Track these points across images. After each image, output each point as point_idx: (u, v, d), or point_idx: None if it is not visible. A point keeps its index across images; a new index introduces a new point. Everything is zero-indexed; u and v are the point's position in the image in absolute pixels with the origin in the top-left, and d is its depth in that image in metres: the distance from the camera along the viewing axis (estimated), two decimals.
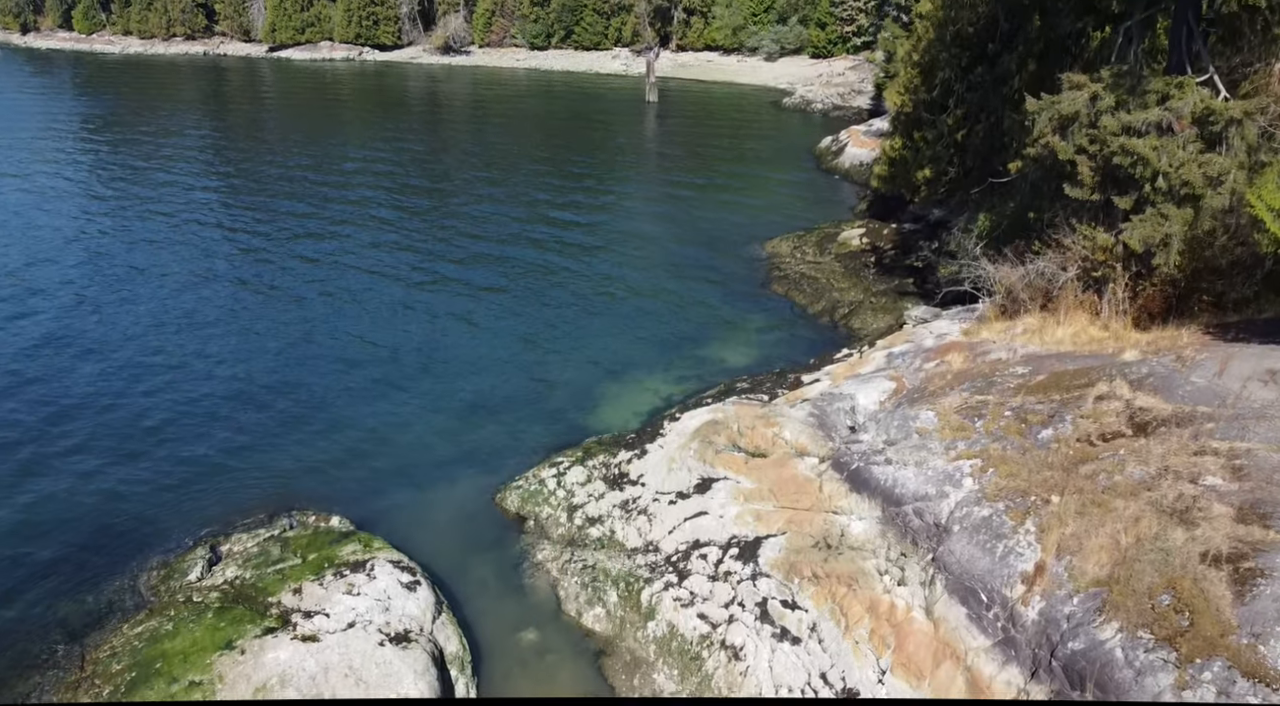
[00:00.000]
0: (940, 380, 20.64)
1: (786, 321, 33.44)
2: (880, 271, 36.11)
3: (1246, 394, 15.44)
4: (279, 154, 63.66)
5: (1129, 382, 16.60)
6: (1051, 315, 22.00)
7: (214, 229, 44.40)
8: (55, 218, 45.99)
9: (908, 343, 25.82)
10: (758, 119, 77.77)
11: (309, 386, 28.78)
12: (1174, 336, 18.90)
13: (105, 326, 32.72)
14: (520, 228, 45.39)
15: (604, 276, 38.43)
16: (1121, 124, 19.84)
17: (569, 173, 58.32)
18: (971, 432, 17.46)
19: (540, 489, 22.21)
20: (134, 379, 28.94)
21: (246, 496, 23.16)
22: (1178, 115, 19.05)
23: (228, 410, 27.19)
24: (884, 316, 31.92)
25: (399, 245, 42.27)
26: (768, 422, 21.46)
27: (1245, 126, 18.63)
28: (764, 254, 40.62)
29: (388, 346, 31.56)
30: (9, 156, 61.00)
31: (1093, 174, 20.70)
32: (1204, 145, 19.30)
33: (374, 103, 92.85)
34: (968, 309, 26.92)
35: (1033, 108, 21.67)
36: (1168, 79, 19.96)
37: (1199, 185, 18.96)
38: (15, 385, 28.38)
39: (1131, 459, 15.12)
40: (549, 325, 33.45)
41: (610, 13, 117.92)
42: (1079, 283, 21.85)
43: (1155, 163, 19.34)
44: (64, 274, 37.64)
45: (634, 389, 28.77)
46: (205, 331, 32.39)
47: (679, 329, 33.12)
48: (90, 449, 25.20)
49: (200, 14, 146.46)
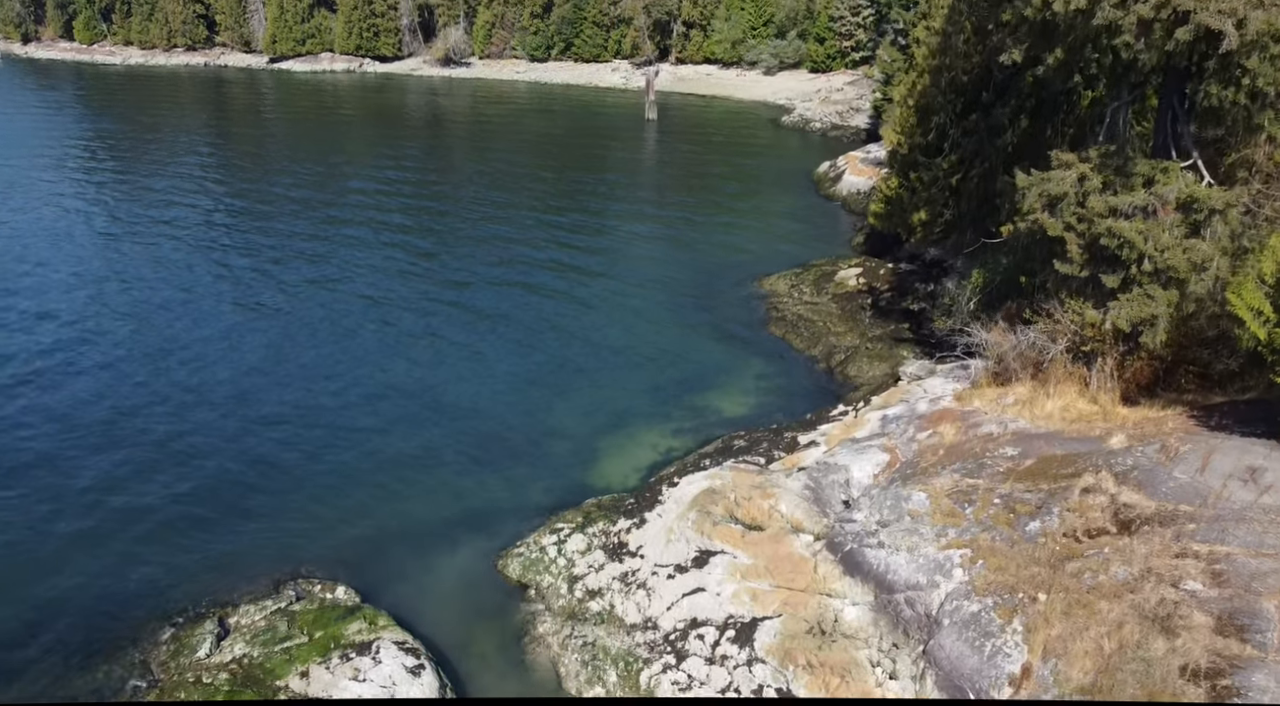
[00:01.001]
0: (932, 455, 21.08)
1: (783, 368, 33.87)
2: (876, 314, 36.54)
3: (1227, 493, 15.88)
4: (279, 178, 64.03)
5: (1114, 475, 17.04)
6: (1042, 386, 22.44)
7: (209, 261, 44.71)
8: (53, 249, 46.33)
9: (902, 402, 26.27)
10: (756, 139, 78.16)
11: (308, 438, 29.21)
12: (1159, 420, 19.34)
13: (104, 371, 33.14)
14: (519, 262, 45.77)
15: (603, 316, 38.85)
16: (1108, 205, 20.29)
17: (568, 201, 58.69)
18: (962, 520, 17.91)
19: (541, 556, 22.67)
20: (135, 433, 29.34)
21: (251, 560, 23.62)
22: (1162, 201, 19.49)
23: (229, 466, 27.64)
24: (879, 364, 32.35)
25: (394, 282, 42.58)
26: (764, 493, 21.91)
27: (1228, 215, 19.06)
28: (762, 291, 41.06)
29: (385, 395, 31.99)
30: (11, 178, 61.34)
31: (1081, 251, 21.15)
32: (1188, 230, 19.73)
33: (374, 120, 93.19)
34: (961, 364, 27.35)
35: (1023, 183, 22.11)
36: (1153, 162, 20.40)
37: (1183, 270, 19.40)
38: (10, 444, 28.83)
39: (1116, 558, 15.57)
40: (548, 369, 33.90)
41: (610, 25, 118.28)
42: (1068, 354, 22.28)
43: (1141, 246, 19.79)
44: (55, 308, 38.00)
45: (633, 442, 29.22)
46: (202, 376, 32.78)
47: (678, 374, 33.57)
48: (94, 508, 25.65)
49: (201, 25, 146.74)
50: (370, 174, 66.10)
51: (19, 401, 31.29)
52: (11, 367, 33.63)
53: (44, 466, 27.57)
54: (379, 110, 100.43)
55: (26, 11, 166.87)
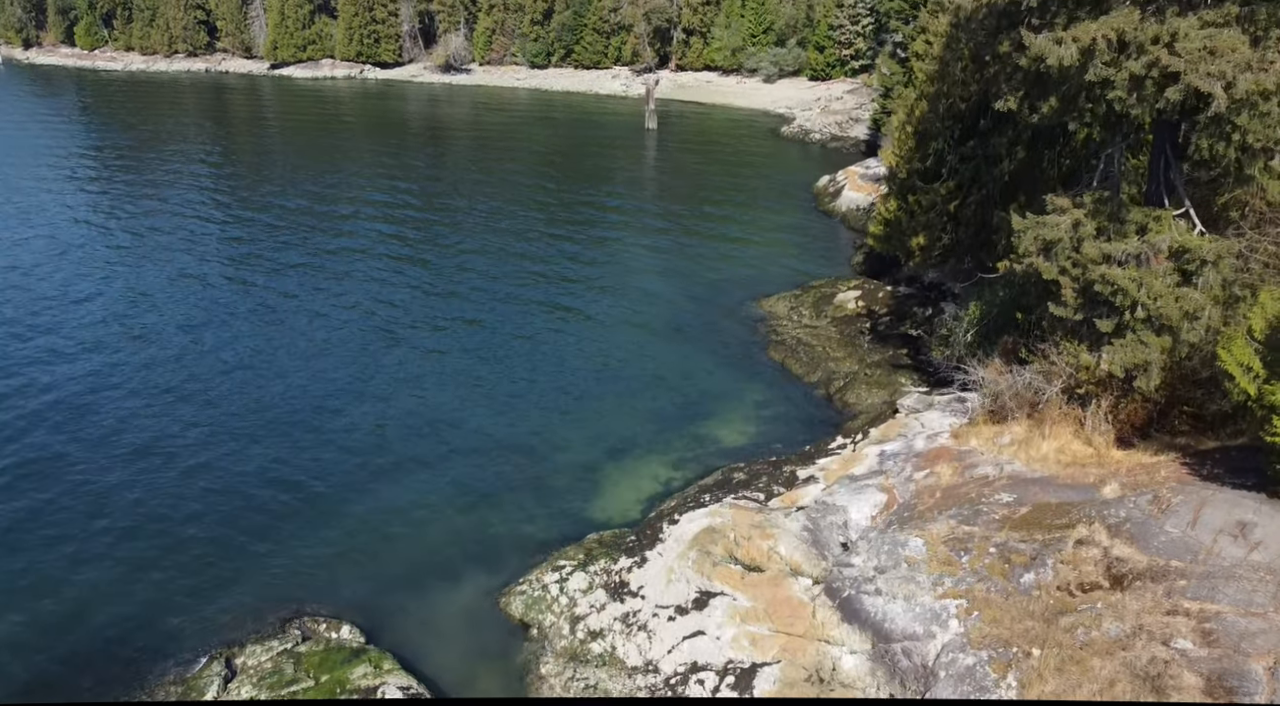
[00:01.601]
0: (929, 497, 21.37)
1: (782, 394, 34.15)
2: (875, 339, 36.82)
3: (1218, 549, 16.17)
4: (281, 192, 64.23)
5: (1107, 527, 17.33)
6: (1038, 426, 22.72)
7: (213, 282, 44.90)
8: (64, 266, 46.49)
9: (900, 437, 26.56)
10: (756, 150, 78.42)
11: (310, 471, 29.46)
12: (1153, 466, 19.62)
13: (105, 399, 33.44)
14: (519, 281, 46.03)
15: (604, 338, 39.15)
16: (1102, 252, 20.57)
17: (569, 216, 58.97)
18: (958, 569, 18.20)
19: (543, 595, 22.96)
20: (136, 468, 29.55)
21: (257, 596, 23.92)
22: (1155, 249, 19.78)
23: (233, 500, 27.89)
24: (878, 391, 32.63)
25: (393, 305, 42.74)
26: (764, 534, 22.20)
27: (1220, 265, 19.33)
28: (761, 313, 41.34)
29: (385, 424, 32.20)
30: (18, 190, 61.53)
31: (1076, 295, 21.43)
32: (1180, 278, 20.00)
33: (375, 130, 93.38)
34: (958, 397, 27.64)
35: (1019, 225, 22.38)
36: (1146, 210, 20.68)
37: (1176, 319, 19.68)
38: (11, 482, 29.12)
39: (1108, 613, 15.86)
40: (548, 395, 34.18)
41: (610, 32, 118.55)
42: (1064, 396, 22.56)
43: (1134, 293, 20.07)
44: (71, 330, 38.25)
45: (634, 474, 29.51)
46: (207, 411, 33.01)
47: (678, 401, 33.85)
48: (101, 542, 25.93)
49: (202, 31, 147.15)
50: (370, 189, 66.33)
51: (23, 434, 31.60)
52: (26, 392, 33.95)
53: (48, 499, 27.86)
54: (380, 119, 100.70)
55: (28, 17, 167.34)
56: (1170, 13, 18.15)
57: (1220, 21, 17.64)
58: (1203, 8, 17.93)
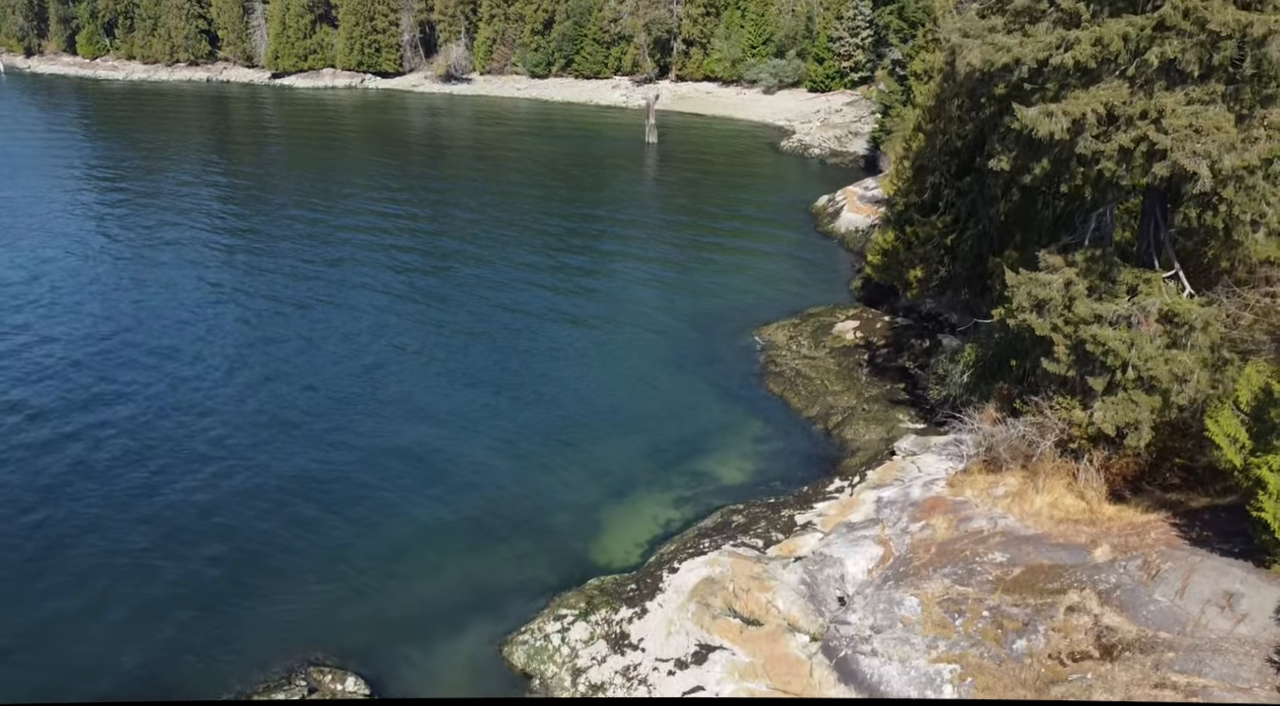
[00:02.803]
0: (924, 552, 21.75)
1: (781, 429, 34.51)
2: (873, 372, 37.19)
3: (1205, 621, 16.54)
4: (283, 211, 64.57)
5: (1098, 594, 17.71)
6: (1031, 478, 23.10)
7: (215, 304, 45.28)
8: (77, 289, 46.87)
9: (897, 481, 26.94)
10: (756, 166, 78.80)
11: (315, 506, 29.82)
12: (1144, 526, 20.00)
13: (111, 431, 33.87)
14: (518, 308, 46.30)
15: (603, 368, 39.52)
16: (1093, 312, 20.93)
17: (568, 236, 59.34)
18: (952, 631, 18.58)
19: (545, 645, 23.34)
20: (144, 505, 29.97)
21: (264, 644, 24.28)
22: (1145, 312, 20.14)
23: (239, 544, 28.25)
24: (875, 427, 33.00)
25: (392, 333, 43.09)
26: (762, 586, 22.59)
27: (1209, 329, 19.70)
28: (760, 342, 41.71)
29: (386, 463, 32.45)
30: (19, 205, 61.93)
31: (1068, 353, 21.79)
32: (1170, 341, 20.36)
33: (376, 144, 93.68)
34: (954, 440, 28.01)
35: (1012, 282, 22.75)
36: (1137, 271, 21.05)
37: (1165, 381, 20.05)
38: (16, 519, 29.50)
39: (1098, 684, 16.24)
40: (548, 429, 34.51)
41: (610, 42, 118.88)
42: (1057, 449, 22.93)
43: (1125, 354, 20.44)
44: (85, 356, 38.65)
45: (634, 513, 29.89)
46: (205, 442, 33.41)
47: (677, 436, 34.19)
48: (102, 587, 26.30)
49: (204, 40, 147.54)
50: (371, 207, 66.63)
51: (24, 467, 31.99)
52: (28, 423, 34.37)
53: (52, 541, 28.24)
54: (381, 131, 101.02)
55: (29, 25, 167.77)
56: (1158, 87, 18.52)
57: (1205, 98, 18.00)
58: (1189, 83, 18.29)
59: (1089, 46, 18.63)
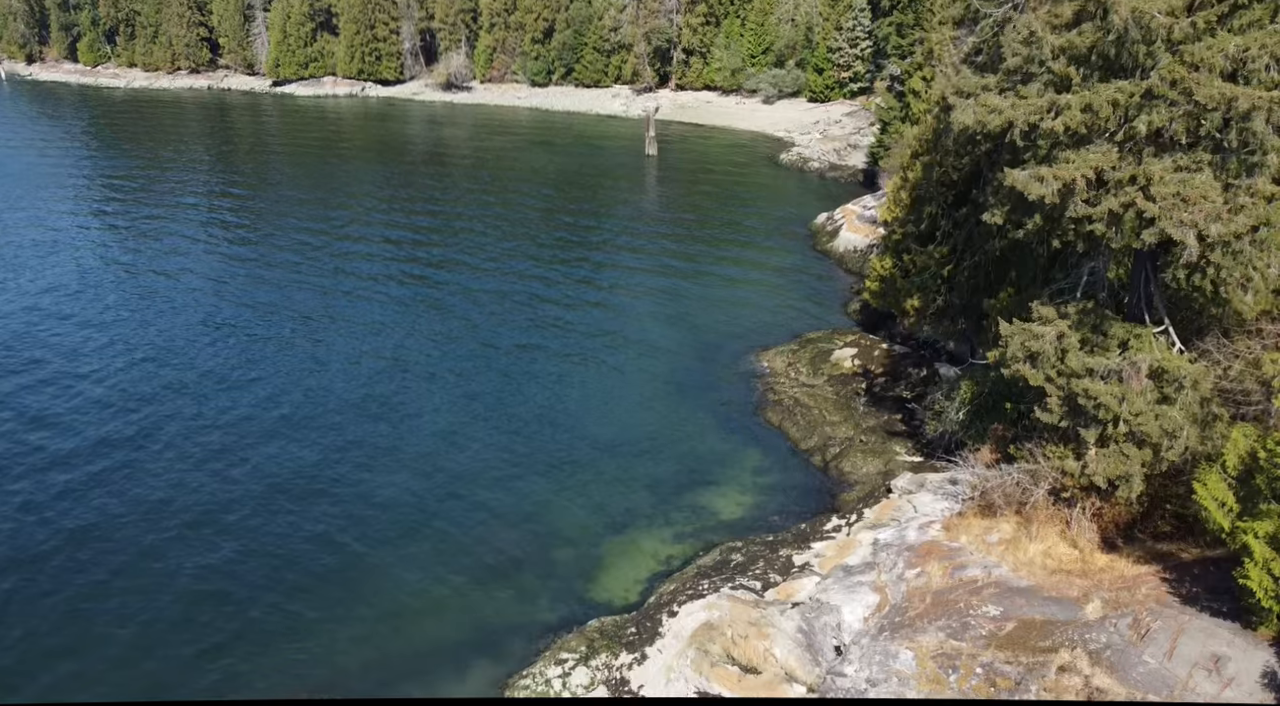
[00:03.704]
0: (919, 601, 22.10)
1: (780, 461, 34.85)
2: (870, 402, 37.53)
3: (1193, 684, 16.89)
4: (282, 226, 64.88)
5: (1089, 654, 18.05)
6: (1025, 525, 23.44)
7: (217, 329, 45.65)
8: (98, 312, 47.22)
9: (892, 521, 27.30)
10: (755, 180, 79.09)
11: (319, 545, 30.18)
12: (1135, 580, 20.34)
13: (117, 461, 34.25)
14: (517, 328, 46.65)
15: (603, 395, 39.87)
16: (1085, 366, 21.26)
17: (568, 255, 59.61)
18: (945, 687, 18.93)
19: (547, 690, 23.71)
20: (158, 538, 30.39)
21: (271, 687, 24.68)
22: (1136, 368, 20.47)
23: (246, 577, 28.66)
24: (872, 460, 33.35)
25: (390, 359, 43.40)
26: (760, 632, 22.94)
27: (1199, 386, 20.03)
28: (759, 368, 42.06)
29: (387, 495, 32.83)
30: (32, 222, 62.30)
31: (1061, 404, 22.12)
32: (1160, 396, 20.70)
33: (377, 156, 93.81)
34: (950, 479, 28.36)
35: (1006, 332, 23.08)
36: (1128, 326, 21.38)
37: (1156, 436, 20.39)
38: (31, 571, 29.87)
39: None
40: (549, 460, 34.86)
41: (610, 51, 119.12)
42: (1050, 497, 23.28)
43: (1115, 409, 20.78)
44: (108, 377, 39.06)
45: (634, 549, 30.27)
46: (208, 476, 33.83)
47: (678, 467, 34.57)
48: (113, 622, 26.76)
49: (205, 48, 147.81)
50: (371, 225, 66.97)
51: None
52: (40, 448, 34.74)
53: (56, 577, 28.64)
54: (382, 143, 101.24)
55: (31, 32, 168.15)
56: (1147, 153, 18.85)
57: (1193, 166, 18.33)
58: (1177, 150, 18.62)
59: (1079, 113, 18.96)
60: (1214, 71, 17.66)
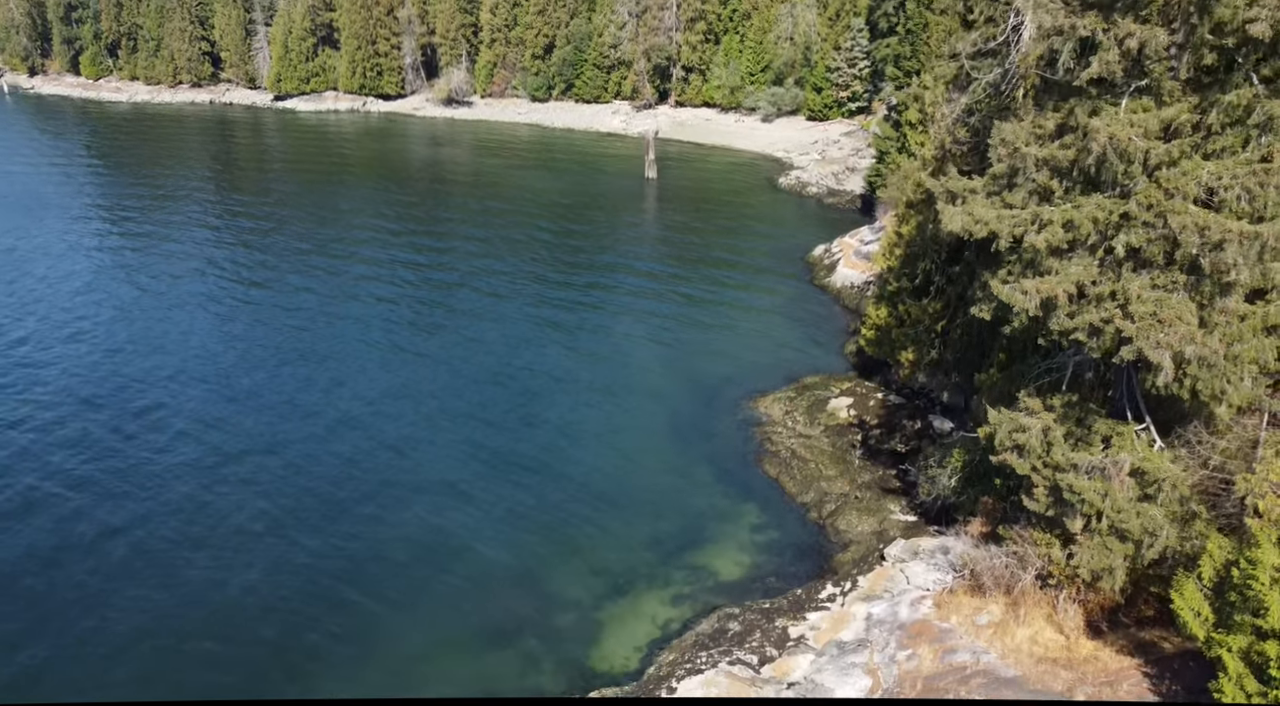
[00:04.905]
0: (911, 686, 22.83)
1: (776, 518, 35.53)
2: (866, 454, 38.25)
3: None
4: (285, 253, 65.61)
5: None
6: (1013, 609, 24.17)
7: (219, 362, 46.38)
8: (100, 335, 48.00)
9: (885, 592, 28.03)
10: (754, 206, 79.74)
11: (320, 607, 30.81)
12: (1117, 675, 21.06)
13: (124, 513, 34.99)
14: (516, 371, 47.23)
15: (604, 446, 40.50)
16: (1069, 461, 21.96)
17: (566, 289, 60.19)
18: None
19: None
20: (166, 581, 31.18)
21: None
22: (1118, 466, 21.16)
23: (227, 643, 29.31)
24: (867, 519, 34.05)
25: (387, 402, 44.04)
26: None
27: (1179, 487, 20.72)
28: (757, 416, 42.74)
29: (385, 556, 33.38)
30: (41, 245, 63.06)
31: (1046, 494, 22.83)
32: (1142, 494, 21.39)
33: (378, 177, 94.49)
34: (942, 546, 29.08)
35: (994, 421, 23.79)
36: (1110, 422, 22.08)
37: (1136, 534, 21.09)
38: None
39: None
40: (547, 516, 35.46)
41: (610, 67, 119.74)
42: (1038, 582, 23.99)
43: (1098, 504, 21.49)
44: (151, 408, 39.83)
45: (634, 613, 30.96)
46: (212, 518, 34.61)
47: (677, 524, 35.24)
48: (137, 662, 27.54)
49: (206, 62, 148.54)
50: (369, 253, 67.59)
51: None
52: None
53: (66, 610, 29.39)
54: (382, 163, 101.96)
55: (33, 45, 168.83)
56: (1126, 268, 19.53)
57: (1168, 286, 19.01)
58: (1154, 268, 19.29)
59: (1060, 229, 19.65)
60: (1188, 198, 18.33)
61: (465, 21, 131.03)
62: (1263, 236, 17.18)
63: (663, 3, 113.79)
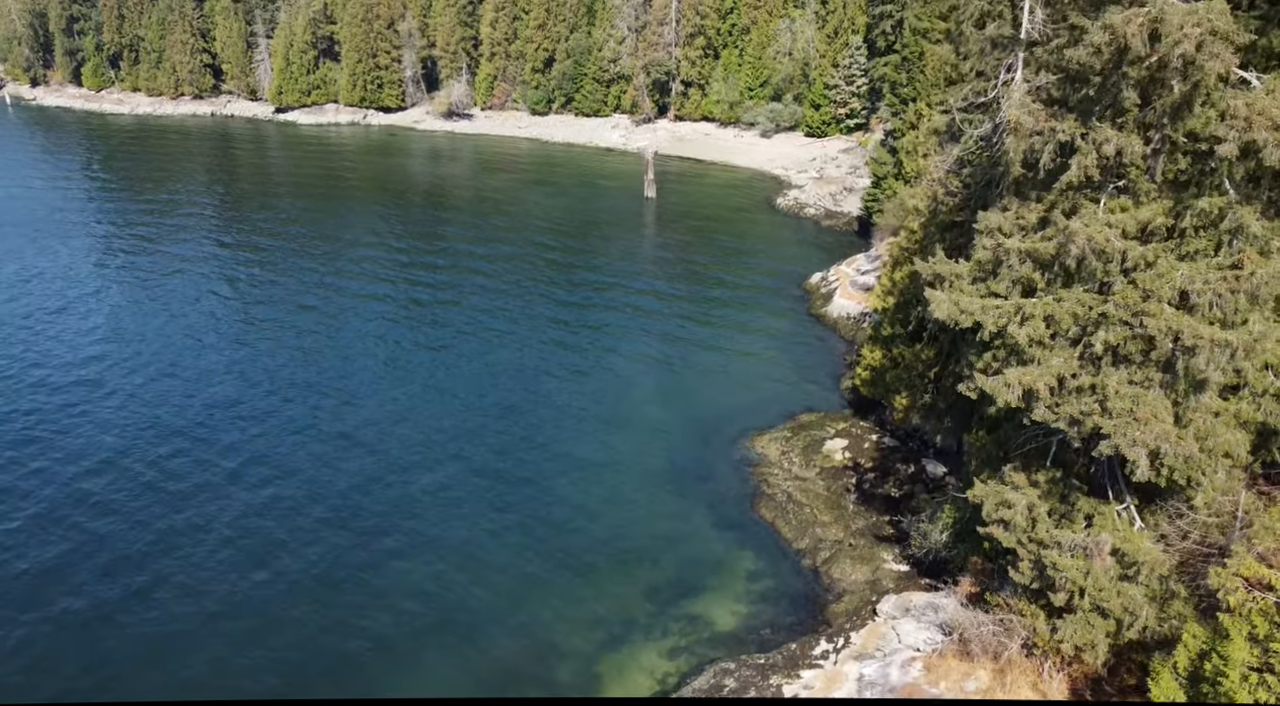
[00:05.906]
0: None
1: (771, 565, 36.16)
2: (860, 499, 38.90)
3: None
4: (287, 275, 66.29)
5: None
6: (1000, 677, 24.81)
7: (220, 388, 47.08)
8: (118, 353, 48.71)
9: (878, 651, 28.69)
10: (753, 228, 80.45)
11: (316, 668, 31.44)
12: None
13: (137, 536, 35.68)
14: (511, 410, 47.71)
15: (601, 488, 40.98)
16: (1053, 538, 22.61)
17: (565, 315, 60.85)
18: None
19: None
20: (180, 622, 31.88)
21: None
22: (1100, 546, 21.80)
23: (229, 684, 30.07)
24: (861, 567, 34.70)
25: (384, 442, 44.68)
26: None
27: (1157, 569, 21.35)
28: (753, 455, 43.37)
29: (384, 608, 33.92)
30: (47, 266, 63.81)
31: (1031, 568, 23.47)
32: (1122, 574, 22.03)
33: (377, 194, 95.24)
34: (932, 604, 29.74)
35: (980, 493, 24.42)
36: (1093, 501, 22.73)
37: (1117, 612, 21.73)
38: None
39: None
40: (545, 563, 36.01)
41: (610, 81, 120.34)
42: (1024, 650, 24.65)
43: (1081, 582, 22.12)
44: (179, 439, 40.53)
45: (631, 665, 31.62)
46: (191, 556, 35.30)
47: (674, 572, 35.84)
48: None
49: (208, 74, 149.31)
50: (366, 273, 68.25)
51: None
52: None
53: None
54: (382, 179, 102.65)
55: (35, 57, 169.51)
56: (1105, 362, 20.16)
57: (1145, 382, 19.64)
58: (1132, 364, 19.92)
59: (1041, 323, 20.28)
60: (1163, 300, 18.95)
61: (465, 35, 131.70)
62: (1233, 344, 17.80)
63: (662, 18, 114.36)
